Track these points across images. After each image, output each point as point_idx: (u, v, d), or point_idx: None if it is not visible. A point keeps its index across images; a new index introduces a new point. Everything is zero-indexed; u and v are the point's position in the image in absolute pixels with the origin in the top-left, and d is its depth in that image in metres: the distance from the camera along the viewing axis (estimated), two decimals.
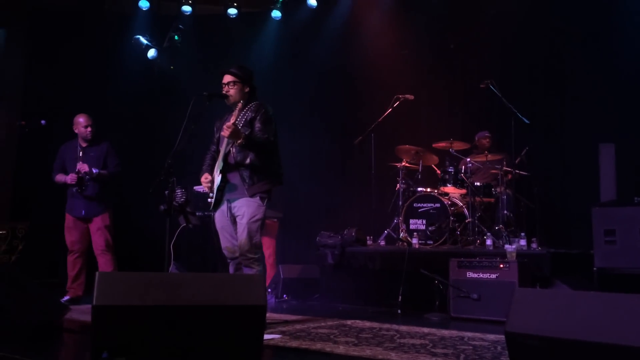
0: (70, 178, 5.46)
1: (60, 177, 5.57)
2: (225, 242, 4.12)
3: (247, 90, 4.19)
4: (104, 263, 5.51)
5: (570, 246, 5.62)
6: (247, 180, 3.97)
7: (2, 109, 8.11)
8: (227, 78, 4.17)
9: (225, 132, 3.82)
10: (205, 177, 4.12)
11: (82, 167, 5.43)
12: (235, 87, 4.13)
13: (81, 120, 5.61)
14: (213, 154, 4.26)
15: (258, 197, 4.00)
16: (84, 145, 5.63)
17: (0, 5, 8.09)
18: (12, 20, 8.23)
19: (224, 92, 4.16)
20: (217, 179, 4.04)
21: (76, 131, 5.65)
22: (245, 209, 3.97)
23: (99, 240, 5.52)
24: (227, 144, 4.01)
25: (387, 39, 7.64)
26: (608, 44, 6.38)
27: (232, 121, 3.91)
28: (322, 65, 7.88)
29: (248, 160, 3.99)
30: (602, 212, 4.65)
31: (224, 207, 4.09)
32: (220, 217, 4.14)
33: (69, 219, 5.59)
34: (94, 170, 5.44)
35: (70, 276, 5.54)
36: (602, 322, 2.14)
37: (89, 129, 5.58)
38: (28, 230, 6.96)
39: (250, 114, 4.08)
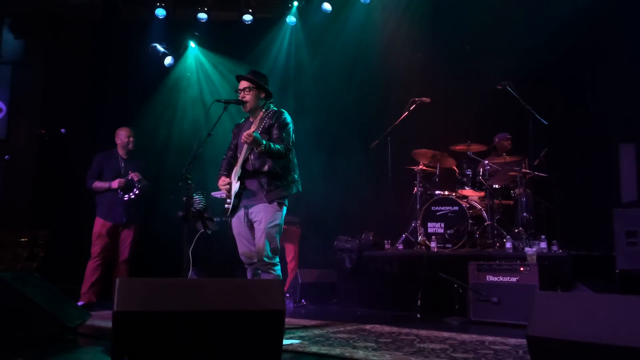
0: (119, 182, 5.65)
1: (100, 184, 5.73)
2: (242, 247, 4.15)
3: (262, 95, 4.22)
4: (123, 271, 5.67)
5: (591, 248, 5.55)
6: (265, 187, 4.01)
7: (23, 118, 8.24)
8: (243, 84, 4.20)
9: (246, 140, 3.84)
10: (222, 180, 4.17)
11: (135, 175, 5.65)
12: (251, 92, 4.16)
13: (123, 133, 5.89)
14: (229, 159, 4.30)
15: (276, 203, 4.04)
16: (124, 157, 5.85)
17: (20, 16, 8.24)
18: (32, 30, 8.38)
19: (239, 97, 4.18)
20: (235, 185, 4.07)
21: (118, 142, 5.88)
22: (263, 214, 4.00)
23: (126, 250, 5.73)
24: (246, 151, 4.03)
25: (403, 42, 7.62)
26: (628, 44, 6.30)
27: (252, 129, 3.94)
28: (337, 69, 7.88)
29: (266, 167, 4.01)
30: (623, 214, 4.59)
31: (241, 213, 4.12)
32: (237, 223, 4.17)
33: (102, 224, 5.70)
34: (144, 181, 5.69)
35: (89, 282, 5.64)
36: (625, 325, 2.11)
37: (131, 138, 5.85)
38: (49, 237, 7.06)
39: (268, 120, 4.10)
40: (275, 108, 4.22)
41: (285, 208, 4.13)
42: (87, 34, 8.11)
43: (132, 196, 5.66)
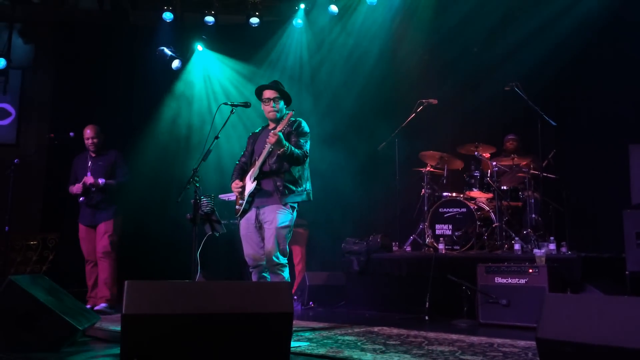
0: (76, 188, 5.66)
1: (71, 188, 5.75)
2: (248, 249, 4.19)
3: (285, 105, 4.37)
4: (102, 268, 5.63)
5: (601, 250, 5.51)
6: (280, 189, 4.10)
7: (32, 123, 8.31)
8: (271, 93, 4.30)
9: (272, 139, 3.92)
10: (236, 183, 4.27)
11: (88, 179, 5.61)
12: (279, 102, 4.29)
13: (87, 132, 5.77)
14: (242, 165, 4.40)
15: (289, 206, 4.13)
16: (93, 155, 5.79)
17: (29, 22, 8.31)
18: (41, 36, 8.45)
19: (267, 107, 4.28)
20: (251, 185, 4.15)
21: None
22: (274, 215, 4.07)
23: (98, 246, 5.67)
24: (265, 154, 4.12)
25: (410, 43, 7.62)
26: (637, 44, 6.26)
27: (278, 128, 4.02)
28: (344, 71, 7.89)
29: (283, 171, 4.13)
30: (633, 215, 4.56)
31: (251, 214, 4.18)
32: (245, 225, 4.22)
33: (81, 229, 5.78)
34: (100, 181, 5.61)
35: (89, 285, 5.72)
36: (636, 327, 2.09)
37: (90, 140, 5.74)
38: (58, 240, 7.11)
39: (287, 128, 4.17)
40: (293, 118, 4.30)
41: (295, 212, 4.21)
42: (95, 39, 8.17)
43: (91, 199, 5.64)
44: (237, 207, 4.25)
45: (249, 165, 4.31)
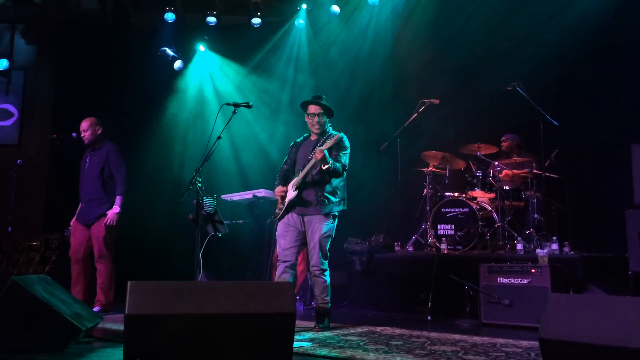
0: (72, 222, 5.62)
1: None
2: (283, 245, 4.49)
3: (328, 119, 4.61)
4: (98, 272, 5.46)
5: (604, 249, 5.50)
6: (320, 199, 4.39)
7: (35, 123, 8.33)
8: (315, 109, 4.53)
9: (318, 156, 4.21)
10: (280, 188, 4.57)
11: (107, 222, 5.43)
12: (323, 117, 4.52)
13: (81, 125, 5.64)
14: (285, 172, 4.68)
15: (331, 216, 4.47)
16: (90, 150, 5.70)
17: (31, 23, 8.33)
18: (43, 36, 8.46)
19: (313, 121, 4.51)
20: (292, 194, 4.43)
21: None
22: (318, 225, 4.41)
23: (94, 249, 5.46)
24: (310, 166, 4.36)
25: (411, 43, 7.62)
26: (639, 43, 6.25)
27: (325, 146, 4.28)
28: (345, 71, 7.89)
29: (324, 183, 4.43)
30: (636, 215, 4.54)
31: (292, 218, 4.47)
32: (284, 227, 4.51)
33: (73, 224, 5.62)
34: (109, 220, 5.42)
35: (71, 289, 5.45)
36: (639, 327, 2.09)
37: (82, 133, 5.61)
38: (61, 241, 7.11)
39: (332, 142, 4.34)
40: (335, 132, 4.51)
41: (337, 221, 4.54)
42: (98, 39, 8.18)
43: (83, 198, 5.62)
44: (277, 210, 4.56)
45: (291, 173, 4.58)
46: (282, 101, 8.27)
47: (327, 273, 4.53)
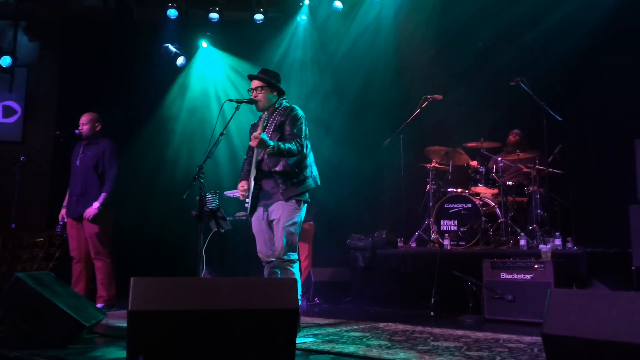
0: (60, 216, 5.66)
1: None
2: (260, 245, 4.19)
3: (274, 93, 4.25)
4: (97, 269, 5.47)
5: (607, 245, 5.49)
6: (280, 186, 4.04)
7: (38, 120, 8.34)
8: (255, 83, 4.23)
9: (253, 143, 3.91)
10: (241, 185, 4.24)
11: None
12: (263, 91, 4.19)
13: (80, 118, 5.65)
14: (250, 159, 4.31)
15: (294, 201, 4.07)
16: (86, 143, 5.67)
17: (34, 20, 8.33)
18: (46, 33, 8.47)
19: (252, 97, 4.21)
20: (252, 185, 4.12)
21: None
22: (280, 212, 4.04)
23: (90, 246, 5.47)
24: (259, 152, 4.07)
25: (414, 38, 7.60)
26: None
27: (258, 131, 3.98)
28: (348, 67, 7.88)
29: (280, 167, 4.04)
30: (639, 210, 4.54)
31: (260, 212, 4.16)
32: (256, 222, 4.21)
33: (68, 223, 5.62)
34: (88, 215, 5.39)
35: (73, 286, 5.44)
36: None
37: (82, 127, 5.60)
38: (64, 237, 7.12)
39: (279, 117, 4.14)
40: (287, 104, 4.24)
41: (305, 205, 4.16)
42: (100, 36, 8.18)
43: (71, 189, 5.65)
44: (246, 205, 4.23)
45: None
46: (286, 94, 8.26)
47: (296, 266, 4.06)
